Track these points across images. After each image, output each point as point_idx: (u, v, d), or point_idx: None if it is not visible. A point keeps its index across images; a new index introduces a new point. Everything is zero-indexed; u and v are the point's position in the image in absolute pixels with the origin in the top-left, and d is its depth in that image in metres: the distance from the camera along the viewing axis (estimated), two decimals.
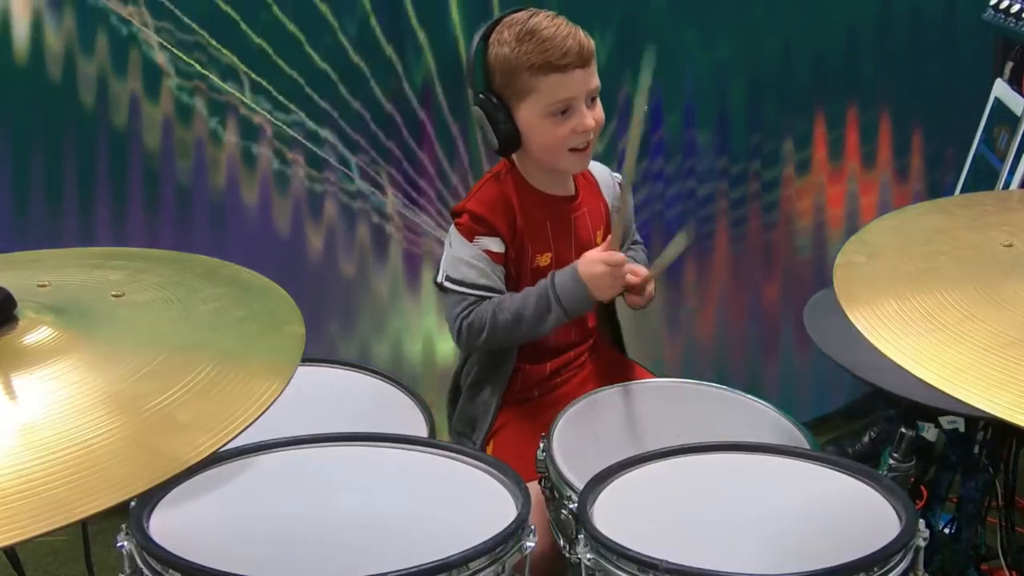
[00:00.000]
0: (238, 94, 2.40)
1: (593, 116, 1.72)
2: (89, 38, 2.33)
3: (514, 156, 1.79)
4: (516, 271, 1.77)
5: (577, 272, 1.70)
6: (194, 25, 2.36)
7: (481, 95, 1.73)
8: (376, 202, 2.51)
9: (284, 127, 2.45)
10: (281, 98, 2.44)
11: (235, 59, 2.38)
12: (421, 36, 2.44)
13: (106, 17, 2.32)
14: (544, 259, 1.78)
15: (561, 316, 1.71)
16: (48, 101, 2.36)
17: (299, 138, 2.46)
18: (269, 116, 2.42)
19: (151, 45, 2.36)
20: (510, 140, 1.73)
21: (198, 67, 2.37)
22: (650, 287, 1.78)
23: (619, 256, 1.70)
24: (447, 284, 1.75)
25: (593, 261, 1.70)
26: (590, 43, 1.71)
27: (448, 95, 2.48)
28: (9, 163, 2.39)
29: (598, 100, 1.74)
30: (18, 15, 2.30)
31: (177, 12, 2.35)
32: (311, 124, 2.46)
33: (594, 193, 1.87)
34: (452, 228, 1.78)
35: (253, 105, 2.41)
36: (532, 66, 1.68)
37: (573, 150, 1.74)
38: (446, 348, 2.53)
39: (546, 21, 1.71)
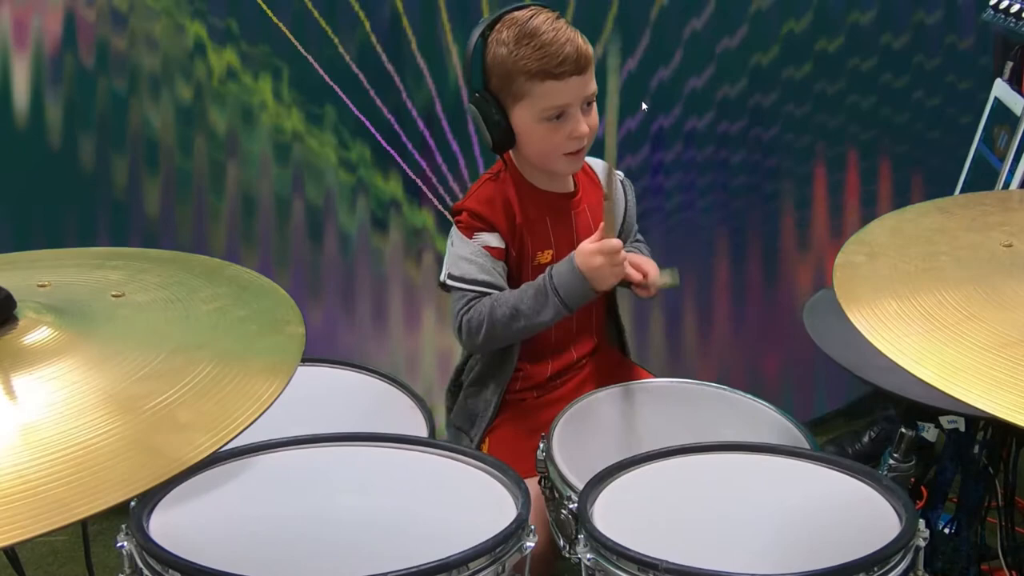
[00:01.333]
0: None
1: (588, 122, 1.71)
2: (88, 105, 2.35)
3: (512, 154, 1.79)
4: (517, 269, 1.77)
5: (574, 263, 1.68)
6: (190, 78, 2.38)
7: (477, 94, 1.73)
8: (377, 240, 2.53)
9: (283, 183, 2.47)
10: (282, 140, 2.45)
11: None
12: (424, 68, 2.45)
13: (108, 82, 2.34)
14: (545, 256, 1.78)
15: (560, 309, 1.69)
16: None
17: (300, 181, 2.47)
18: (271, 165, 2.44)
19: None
20: (505, 140, 1.74)
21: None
22: (653, 276, 1.76)
23: (615, 243, 1.66)
24: (449, 282, 1.75)
25: (590, 252, 1.66)
26: (588, 49, 1.70)
27: (451, 124, 2.49)
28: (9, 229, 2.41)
29: (594, 105, 1.74)
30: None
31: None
32: (311, 170, 2.47)
33: (596, 189, 1.87)
34: (453, 228, 1.78)
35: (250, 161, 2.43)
36: (528, 71, 1.67)
37: (567, 154, 1.73)
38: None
39: (546, 24, 1.69)
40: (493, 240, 1.74)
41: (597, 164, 1.90)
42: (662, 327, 2.70)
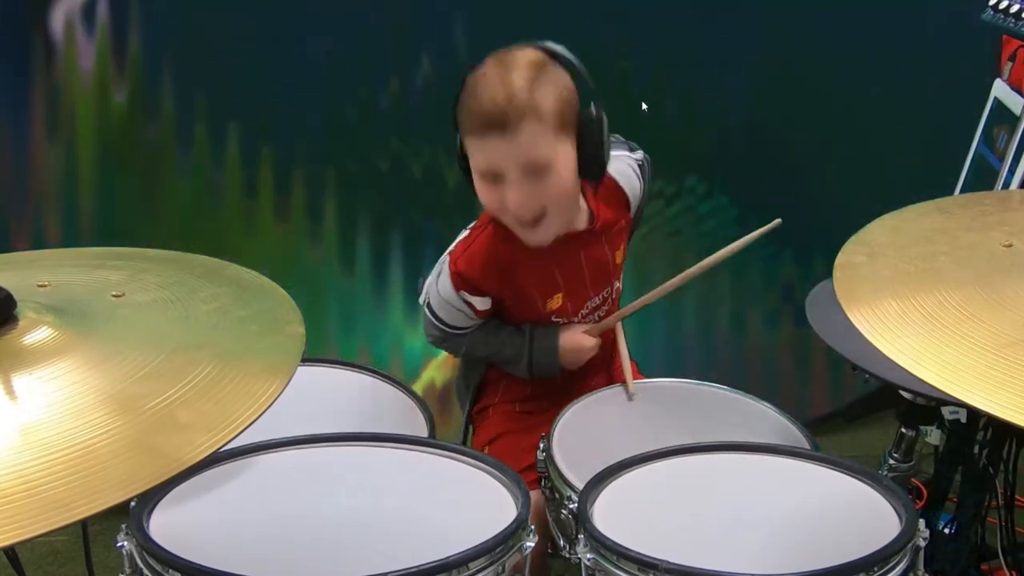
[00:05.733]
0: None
1: (527, 193, 1.49)
2: None
3: None
4: (528, 314, 1.71)
5: (558, 351, 1.70)
6: None
7: (459, 142, 1.56)
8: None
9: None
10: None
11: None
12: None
13: None
14: (556, 301, 1.70)
15: (527, 376, 1.73)
16: None
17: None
18: None
19: None
20: (470, 182, 1.58)
21: None
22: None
23: (594, 343, 1.71)
24: (427, 311, 1.71)
25: (578, 349, 1.70)
26: (523, 108, 1.44)
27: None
28: None
29: (548, 172, 1.50)
30: None
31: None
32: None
33: (617, 209, 1.71)
34: (447, 260, 1.67)
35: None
36: (462, 123, 1.51)
37: (521, 222, 1.55)
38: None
39: (485, 73, 1.49)
40: (478, 303, 1.67)
41: (630, 183, 1.72)
42: (662, 327, 2.70)
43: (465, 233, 1.70)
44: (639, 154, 1.76)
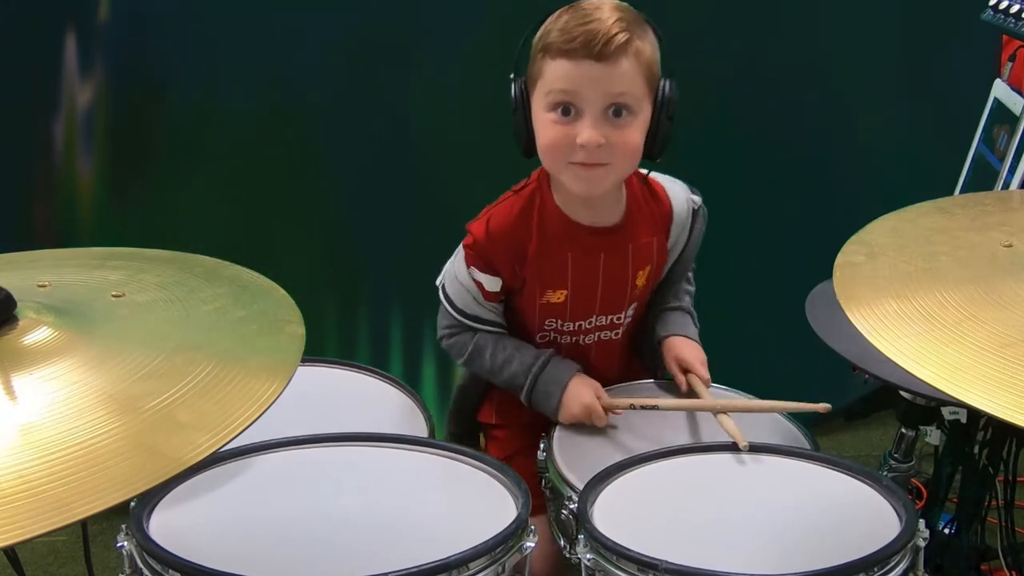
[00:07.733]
0: None
1: (604, 133, 1.42)
2: None
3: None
4: (523, 304, 1.64)
5: (563, 391, 1.57)
6: None
7: (512, 77, 1.48)
8: None
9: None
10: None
11: None
12: None
13: None
14: (557, 296, 1.60)
15: (525, 401, 1.63)
16: None
17: None
18: None
19: None
20: (523, 132, 1.49)
21: None
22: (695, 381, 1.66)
23: (603, 418, 1.57)
24: (441, 294, 1.66)
25: (581, 404, 1.55)
26: (620, 37, 1.39)
27: None
28: None
29: (630, 119, 1.44)
30: None
31: None
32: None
33: (654, 224, 1.63)
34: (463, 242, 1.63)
35: None
36: (545, 46, 1.43)
37: (572, 163, 1.46)
38: None
39: (583, 5, 1.43)
40: (487, 282, 1.59)
41: (678, 197, 1.64)
42: None
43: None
44: (698, 198, 1.69)
